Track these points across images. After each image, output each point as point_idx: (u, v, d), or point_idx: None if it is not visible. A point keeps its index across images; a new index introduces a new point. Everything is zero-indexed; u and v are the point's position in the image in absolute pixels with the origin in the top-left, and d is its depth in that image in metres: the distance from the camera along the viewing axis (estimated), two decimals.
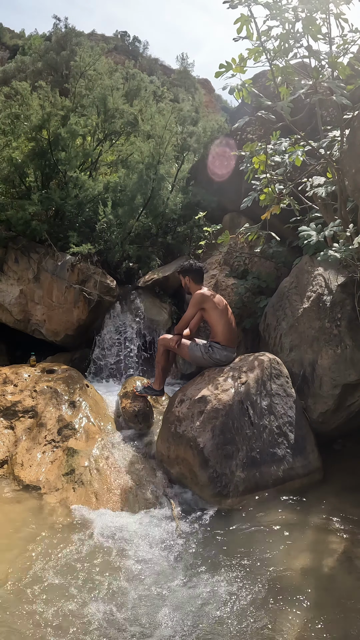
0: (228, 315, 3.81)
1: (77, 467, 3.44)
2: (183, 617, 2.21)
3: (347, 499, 3.14)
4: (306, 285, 3.81)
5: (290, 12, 2.79)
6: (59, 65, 15.68)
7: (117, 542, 2.80)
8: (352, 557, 2.59)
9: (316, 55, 3.00)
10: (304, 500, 3.16)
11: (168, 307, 5.63)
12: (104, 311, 5.43)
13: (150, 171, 5.79)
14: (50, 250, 5.42)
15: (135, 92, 10.63)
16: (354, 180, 2.91)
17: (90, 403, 4.10)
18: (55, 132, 5.54)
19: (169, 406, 3.73)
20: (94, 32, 47.18)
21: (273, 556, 2.63)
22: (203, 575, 2.50)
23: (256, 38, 2.94)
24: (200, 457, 3.21)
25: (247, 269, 5.00)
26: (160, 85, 20.32)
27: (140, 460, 3.62)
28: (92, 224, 5.81)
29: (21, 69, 17.39)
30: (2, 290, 5.40)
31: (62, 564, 2.60)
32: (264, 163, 3.51)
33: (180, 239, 6.26)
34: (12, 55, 30.96)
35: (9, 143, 5.55)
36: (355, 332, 3.38)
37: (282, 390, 3.52)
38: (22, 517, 3.07)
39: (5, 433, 3.87)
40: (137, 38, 56.42)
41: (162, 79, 30.54)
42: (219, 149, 5.87)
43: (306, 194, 3.77)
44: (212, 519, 3.03)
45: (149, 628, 2.16)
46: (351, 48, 3.14)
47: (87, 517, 3.04)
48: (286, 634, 2.10)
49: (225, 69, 2.99)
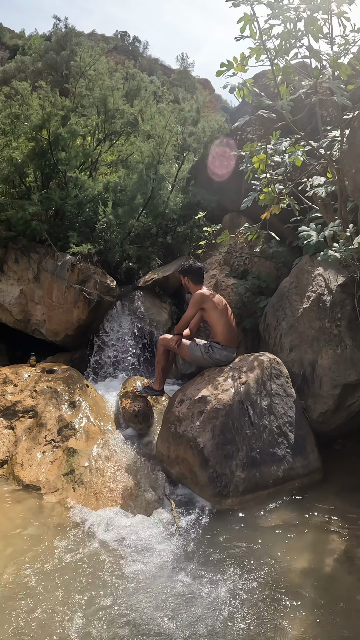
0: (228, 315, 3.81)
1: (77, 467, 3.44)
2: (183, 617, 2.21)
3: (347, 499, 3.14)
4: (306, 285, 3.81)
5: (292, 11, 2.79)
6: (59, 65, 15.69)
7: (117, 542, 2.80)
8: (352, 557, 2.59)
9: (317, 55, 3.00)
10: (304, 500, 3.16)
11: (168, 307, 5.63)
12: (104, 311, 5.43)
13: (150, 171, 5.79)
14: (50, 250, 5.42)
15: (136, 92, 10.62)
16: (354, 180, 2.91)
17: (90, 403, 4.10)
18: (55, 132, 5.54)
19: (169, 406, 3.73)
20: (94, 32, 47.20)
21: (273, 556, 2.63)
22: (203, 575, 2.50)
23: (258, 37, 2.94)
24: (200, 457, 3.21)
25: (247, 269, 5.00)
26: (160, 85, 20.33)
27: (140, 460, 3.62)
28: (92, 224, 5.81)
29: (21, 69, 17.39)
30: (2, 290, 5.40)
31: (62, 564, 2.60)
32: (264, 163, 3.51)
33: (180, 239, 6.26)
34: (12, 55, 30.98)
35: (9, 143, 5.55)
36: (355, 332, 3.38)
37: (282, 390, 3.51)
38: (22, 517, 3.07)
39: (5, 433, 3.87)
40: (137, 38, 56.44)
41: (162, 79, 30.55)
42: (219, 149, 5.88)
43: (306, 194, 3.77)
44: (212, 519, 3.04)
45: (149, 628, 2.16)
46: (352, 48, 3.14)
47: (87, 517, 3.04)
48: (286, 634, 2.10)
49: (227, 67, 2.99)
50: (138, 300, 5.54)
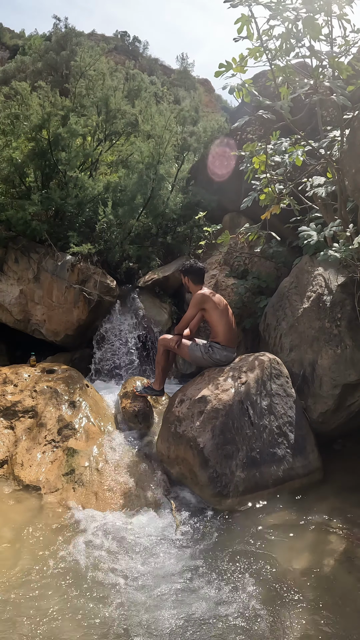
0: (228, 315, 3.81)
1: (77, 467, 3.44)
2: (183, 617, 2.21)
3: (347, 499, 3.14)
4: (306, 285, 3.81)
5: (291, 12, 2.79)
6: (59, 65, 15.67)
7: (117, 542, 2.80)
8: (352, 557, 2.59)
9: (317, 55, 2.99)
10: (304, 500, 3.16)
11: (168, 307, 5.63)
12: (104, 311, 5.43)
13: (150, 171, 5.78)
14: (50, 250, 5.42)
15: (136, 93, 10.63)
16: (354, 180, 2.91)
17: (90, 403, 4.10)
18: (55, 132, 5.54)
19: (169, 406, 3.73)
20: (94, 32, 47.14)
21: (273, 556, 2.63)
22: (203, 575, 2.50)
23: (256, 38, 2.93)
24: (200, 457, 3.21)
25: (247, 269, 5.00)
26: (161, 85, 20.33)
27: (140, 460, 3.62)
28: (92, 224, 5.81)
29: (21, 69, 17.37)
30: (2, 290, 5.40)
31: (61, 564, 2.60)
32: (264, 163, 3.52)
33: (180, 239, 6.25)
34: (12, 55, 30.94)
35: (9, 143, 5.55)
36: (355, 332, 3.38)
37: (282, 390, 3.51)
38: (22, 517, 3.07)
39: (5, 433, 3.87)
40: (137, 38, 56.37)
41: (162, 79, 30.54)
42: (219, 149, 5.88)
43: (306, 194, 3.77)
44: (212, 519, 3.03)
45: (150, 628, 2.16)
46: (351, 49, 3.14)
47: (86, 517, 3.04)
48: (286, 634, 2.10)
49: (225, 68, 2.99)
50: (138, 301, 5.54)
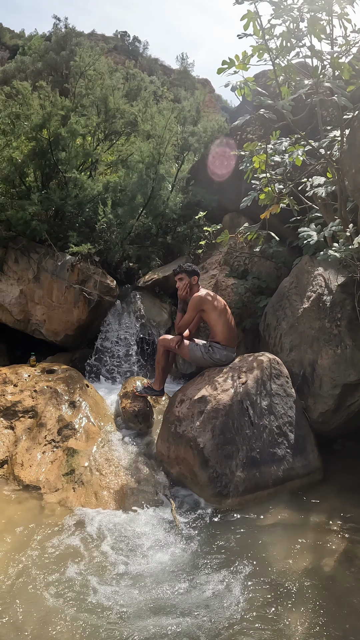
0: (227, 315, 3.81)
1: (77, 467, 3.44)
2: (183, 617, 2.21)
3: (347, 499, 3.14)
4: (306, 285, 3.81)
5: (295, 11, 2.79)
6: (59, 65, 15.67)
7: (117, 543, 2.80)
8: (352, 557, 2.59)
9: (318, 55, 2.99)
10: (304, 500, 3.16)
11: (168, 307, 5.63)
12: (104, 311, 5.43)
13: (150, 171, 5.78)
14: (50, 250, 5.42)
15: (136, 93, 10.63)
16: (354, 180, 2.91)
17: (90, 403, 4.10)
18: (55, 131, 5.54)
19: (169, 406, 3.73)
20: (93, 32, 47.21)
21: (273, 556, 2.63)
22: (203, 575, 2.50)
23: (260, 35, 2.94)
24: (200, 457, 3.21)
25: (247, 269, 5.00)
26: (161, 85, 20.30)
27: (140, 460, 3.62)
28: (92, 224, 5.80)
29: (21, 69, 17.36)
30: (2, 290, 5.40)
31: (61, 564, 2.60)
32: (264, 163, 3.51)
33: (180, 239, 6.25)
34: (12, 55, 30.95)
35: (9, 143, 5.55)
36: (355, 332, 3.38)
37: (282, 390, 3.51)
38: (22, 517, 3.07)
39: (5, 433, 3.87)
40: (137, 38, 56.47)
41: (162, 79, 30.51)
42: (219, 148, 5.88)
43: (306, 194, 3.77)
44: (212, 519, 3.03)
45: (149, 627, 2.16)
46: (352, 49, 3.14)
47: (87, 517, 3.04)
48: (286, 634, 2.10)
49: (228, 65, 2.98)
50: (138, 301, 5.54)
